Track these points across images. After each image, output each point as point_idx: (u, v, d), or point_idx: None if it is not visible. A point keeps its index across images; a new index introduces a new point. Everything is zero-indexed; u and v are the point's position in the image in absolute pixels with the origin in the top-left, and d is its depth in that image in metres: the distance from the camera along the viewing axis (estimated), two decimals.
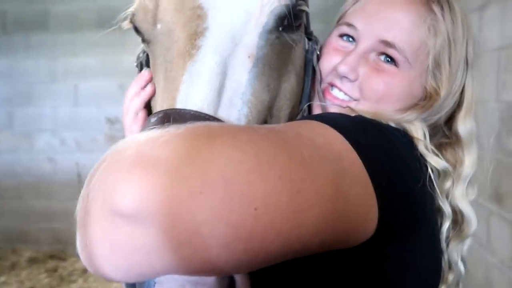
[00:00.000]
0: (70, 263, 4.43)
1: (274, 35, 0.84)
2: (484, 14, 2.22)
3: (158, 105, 0.85)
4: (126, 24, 0.96)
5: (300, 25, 0.92)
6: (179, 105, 0.75)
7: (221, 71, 0.78)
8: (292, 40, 0.88)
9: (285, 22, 0.84)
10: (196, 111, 0.73)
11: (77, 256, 0.54)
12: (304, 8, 0.89)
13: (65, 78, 4.46)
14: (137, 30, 0.93)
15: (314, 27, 1.03)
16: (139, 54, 1.10)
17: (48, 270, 4.24)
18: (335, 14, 1.09)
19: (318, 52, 1.07)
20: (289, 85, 0.93)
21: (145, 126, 0.77)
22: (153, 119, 0.75)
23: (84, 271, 4.25)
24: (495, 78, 2.06)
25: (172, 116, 0.73)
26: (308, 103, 1.02)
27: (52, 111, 4.52)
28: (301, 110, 0.99)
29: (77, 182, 4.54)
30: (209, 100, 0.75)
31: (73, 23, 4.38)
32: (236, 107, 0.78)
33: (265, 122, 0.85)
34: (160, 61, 0.86)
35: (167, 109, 0.75)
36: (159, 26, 0.87)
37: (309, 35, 1.09)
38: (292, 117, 0.95)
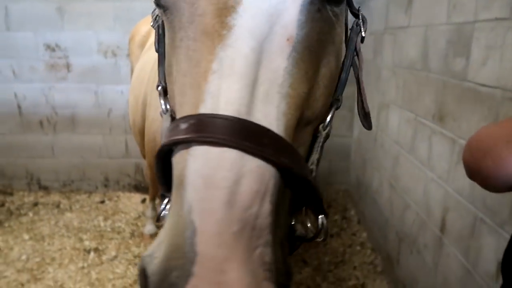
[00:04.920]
0: (18, 197, 4.30)
1: (316, 7, 0.72)
2: None
3: (177, 90, 0.73)
4: None
5: None
6: (210, 102, 0.64)
7: (257, 60, 0.66)
8: (335, 15, 0.75)
9: None
10: (234, 119, 0.62)
11: (26, 190, 0.50)
12: None
13: None
14: None
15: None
16: (156, 13, 0.92)
17: None
18: None
19: (364, 34, 0.94)
20: (328, 70, 0.80)
21: (174, 133, 0.66)
22: (183, 125, 0.65)
23: (34, 204, 4.16)
24: (447, 1, 2.08)
25: (206, 125, 0.62)
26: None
27: None
28: (335, 98, 0.87)
29: (18, 114, 4.26)
30: (245, 99, 0.64)
31: None
32: (273, 104, 0.67)
33: (301, 117, 0.74)
34: (181, 36, 0.72)
35: (200, 115, 0.64)
36: None
37: (354, 11, 0.97)
38: (326, 108, 0.83)
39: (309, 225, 0.88)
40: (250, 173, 0.62)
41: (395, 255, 2.82)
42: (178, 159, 0.66)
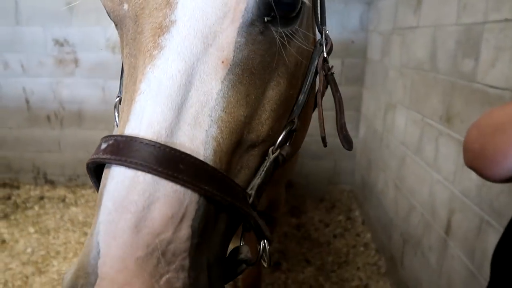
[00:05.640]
0: (25, 190, 4.33)
1: (257, 29, 0.69)
2: None
3: (121, 105, 0.74)
4: None
5: (297, 16, 0.74)
6: (133, 123, 0.64)
7: (186, 82, 0.64)
8: (283, 36, 0.72)
9: (273, 12, 0.68)
10: (150, 142, 0.61)
11: (32, 183, 0.52)
12: None
13: None
14: None
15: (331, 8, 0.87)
16: None
17: (1, 198, 4.13)
18: None
19: (325, 54, 0.90)
20: (277, 92, 0.77)
21: (95, 151, 0.66)
22: (103, 145, 0.65)
23: (40, 198, 4.19)
24: (457, 1, 2.06)
25: (122, 147, 0.62)
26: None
27: None
28: (290, 120, 0.83)
29: (26, 108, 4.29)
30: (168, 121, 0.63)
31: None
32: (202, 127, 0.65)
33: (239, 141, 0.71)
34: (127, 52, 0.73)
35: (117, 136, 0.64)
36: (125, 6, 0.71)
37: (319, 30, 0.93)
38: (277, 131, 0.80)
39: (259, 247, 0.85)
40: (164, 197, 0.60)
41: (399, 257, 2.81)
42: (102, 177, 0.66)
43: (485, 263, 1.73)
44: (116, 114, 0.88)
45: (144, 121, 0.63)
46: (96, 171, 0.71)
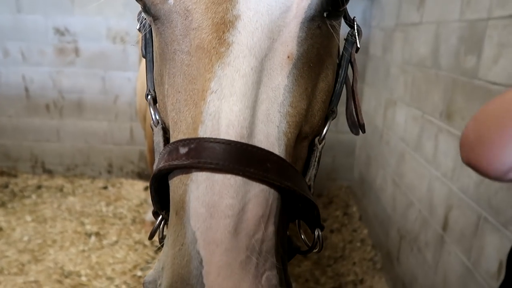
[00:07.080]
0: (22, 179, 4.32)
1: (316, 24, 0.69)
2: None
3: (171, 105, 0.69)
4: None
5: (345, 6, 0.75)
6: (210, 124, 0.61)
7: (257, 78, 0.63)
8: (333, 28, 0.72)
9: (332, 5, 0.68)
10: (238, 143, 0.59)
11: (30, 172, 0.49)
12: None
13: None
14: None
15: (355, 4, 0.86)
16: (142, 16, 0.86)
17: None
18: None
19: (359, 45, 0.90)
20: (326, 84, 0.77)
21: (173, 157, 0.62)
22: (183, 149, 0.61)
23: (38, 187, 4.18)
24: None
25: (209, 150, 0.59)
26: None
27: None
28: (331, 110, 0.84)
29: (25, 97, 4.28)
30: (247, 120, 0.61)
31: None
32: (274, 123, 0.64)
33: (299, 133, 0.71)
34: (174, 49, 0.69)
35: (200, 139, 0.60)
36: (171, 1, 0.68)
37: (349, 22, 0.93)
38: (322, 121, 0.80)
39: (303, 236, 0.85)
40: (254, 198, 0.60)
41: (395, 253, 2.82)
42: (176, 183, 0.63)
43: (481, 260, 1.74)
44: (152, 111, 0.83)
45: (223, 121, 0.61)
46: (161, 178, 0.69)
